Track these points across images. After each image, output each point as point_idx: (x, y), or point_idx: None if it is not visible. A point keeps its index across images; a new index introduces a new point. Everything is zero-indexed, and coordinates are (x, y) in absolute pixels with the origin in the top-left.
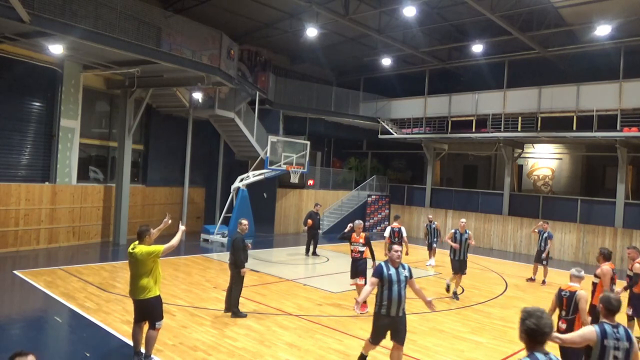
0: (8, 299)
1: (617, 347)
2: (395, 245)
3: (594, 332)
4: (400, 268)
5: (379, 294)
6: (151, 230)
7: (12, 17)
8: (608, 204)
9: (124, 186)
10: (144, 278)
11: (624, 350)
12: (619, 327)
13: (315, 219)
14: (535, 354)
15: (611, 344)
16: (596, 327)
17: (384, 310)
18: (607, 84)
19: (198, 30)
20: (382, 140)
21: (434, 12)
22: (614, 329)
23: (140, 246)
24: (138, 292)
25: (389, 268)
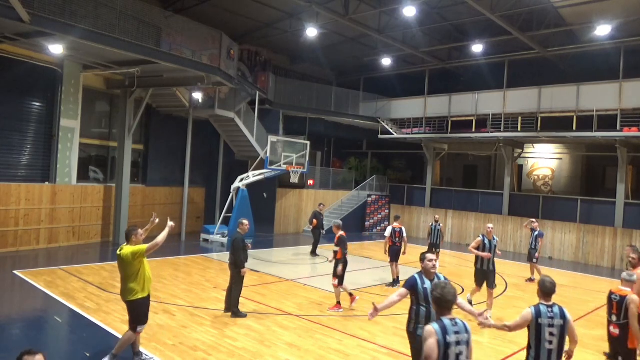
0: (8, 299)
1: (551, 324)
2: (429, 254)
3: (530, 312)
4: (436, 280)
5: (413, 310)
6: (138, 231)
7: (12, 17)
8: (608, 204)
9: (124, 186)
10: (130, 280)
11: (559, 326)
12: (553, 306)
13: (319, 219)
14: (442, 320)
15: (545, 322)
16: (532, 308)
17: (420, 330)
18: (607, 84)
19: (198, 30)
20: (382, 140)
21: (434, 12)
22: (548, 308)
23: (126, 247)
24: (126, 294)
25: (423, 281)
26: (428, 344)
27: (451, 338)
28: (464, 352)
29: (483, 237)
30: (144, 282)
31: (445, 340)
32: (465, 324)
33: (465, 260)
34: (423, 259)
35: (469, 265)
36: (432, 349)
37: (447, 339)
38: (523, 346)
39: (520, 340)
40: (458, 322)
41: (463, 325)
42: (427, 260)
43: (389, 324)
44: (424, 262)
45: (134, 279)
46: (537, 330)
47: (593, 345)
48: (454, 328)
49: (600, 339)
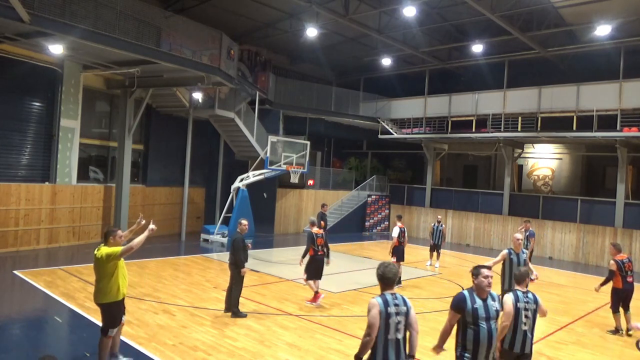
0: (8, 299)
1: (527, 308)
2: (484, 269)
3: (510, 298)
4: (489, 299)
5: (460, 333)
6: (117, 232)
7: (12, 17)
8: (608, 204)
9: (124, 186)
10: (103, 282)
11: (532, 310)
12: (528, 293)
13: (325, 220)
14: (384, 294)
15: (522, 306)
16: (511, 294)
17: (468, 355)
18: (607, 84)
19: (198, 30)
20: (382, 140)
21: (434, 12)
22: (524, 294)
23: (103, 248)
24: (99, 296)
25: (474, 299)
26: (371, 314)
27: (391, 309)
28: (402, 321)
29: (510, 251)
30: (118, 285)
31: (386, 311)
32: (405, 298)
33: (465, 260)
34: (477, 274)
35: (469, 265)
36: (375, 317)
37: (387, 310)
38: None
39: None
40: (398, 296)
41: (402, 300)
42: (481, 277)
43: None
44: (477, 278)
45: (107, 281)
46: (516, 313)
47: (592, 346)
48: (395, 301)
49: (600, 339)
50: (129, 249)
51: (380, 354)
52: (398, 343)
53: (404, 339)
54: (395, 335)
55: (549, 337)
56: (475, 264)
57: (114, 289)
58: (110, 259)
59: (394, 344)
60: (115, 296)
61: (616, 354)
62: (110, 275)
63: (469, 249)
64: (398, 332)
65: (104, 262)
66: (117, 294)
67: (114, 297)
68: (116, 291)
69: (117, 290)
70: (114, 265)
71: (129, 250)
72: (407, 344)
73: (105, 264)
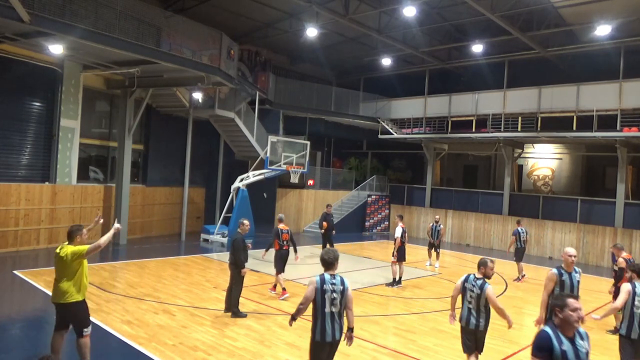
0: (8, 299)
1: (472, 290)
2: (572, 300)
3: (461, 280)
4: (577, 338)
5: None
6: (83, 231)
7: (12, 17)
8: (608, 204)
9: (124, 186)
10: (65, 281)
11: (477, 293)
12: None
13: (329, 221)
14: (324, 274)
15: (469, 287)
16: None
17: None
18: (607, 84)
19: (198, 30)
20: (382, 140)
21: (434, 12)
22: (475, 278)
23: (67, 246)
24: (59, 296)
25: (560, 340)
26: (308, 289)
27: (327, 287)
28: (337, 297)
29: (559, 270)
30: (80, 285)
31: (322, 288)
32: (344, 280)
33: (464, 260)
34: (562, 306)
35: (468, 265)
36: (311, 292)
37: (323, 287)
38: (523, 346)
39: (521, 340)
40: (337, 277)
41: (340, 280)
42: (569, 310)
43: (389, 323)
44: (563, 312)
45: (69, 279)
46: (463, 291)
47: (592, 346)
48: (332, 281)
49: (600, 339)
50: (97, 247)
51: (320, 323)
52: (333, 315)
53: (339, 312)
54: (331, 308)
55: None
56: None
57: (76, 288)
58: (75, 257)
59: (329, 315)
60: (78, 296)
61: (616, 354)
62: (73, 274)
63: (469, 249)
64: (334, 306)
65: (69, 261)
66: (80, 293)
67: (80, 295)
68: (77, 291)
69: (79, 289)
70: (78, 264)
71: (97, 248)
72: None
73: (70, 262)
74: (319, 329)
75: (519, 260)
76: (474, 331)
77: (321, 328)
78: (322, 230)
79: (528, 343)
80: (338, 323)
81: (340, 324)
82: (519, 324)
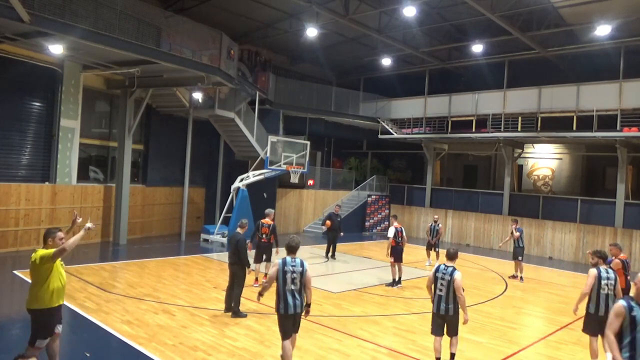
0: (8, 299)
1: (443, 278)
2: None
3: (433, 271)
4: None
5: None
6: (57, 234)
7: (12, 17)
8: (608, 204)
9: (124, 186)
10: (37, 286)
11: (447, 281)
12: (449, 267)
13: (334, 220)
14: (285, 258)
15: (440, 275)
16: (435, 266)
17: None
18: (607, 84)
19: (198, 30)
20: (382, 140)
21: (434, 12)
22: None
23: (39, 250)
24: (29, 301)
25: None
26: (272, 270)
27: (288, 268)
28: (297, 277)
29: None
30: (52, 291)
31: (283, 269)
32: (304, 262)
33: (464, 260)
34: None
35: (468, 265)
36: (274, 272)
37: (285, 268)
38: (523, 346)
39: (521, 340)
40: (297, 260)
41: (300, 263)
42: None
43: (389, 324)
44: None
45: (40, 286)
46: (435, 281)
47: None
48: (292, 263)
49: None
50: (62, 250)
51: (282, 298)
52: (293, 292)
53: (299, 290)
54: (291, 286)
55: (549, 337)
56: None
57: (46, 295)
58: (43, 261)
59: (290, 292)
60: (47, 303)
61: None
62: (43, 280)
63: (469, 249)
64: (294, 284)
65: (37, 266)
66: (50, 301)
67: (46, 303)
68: (49, 298)
69: (50, 296)
70: (48, 269)
71: (62, 252)
72: None
73: (39, 267)
74: (282, 304)
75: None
76: (444, 316)
77: (284, 303)
78: (325, 228)
79: (528, 343)
80: (298, 299)
81: (300, 300)
82: (518, 324)
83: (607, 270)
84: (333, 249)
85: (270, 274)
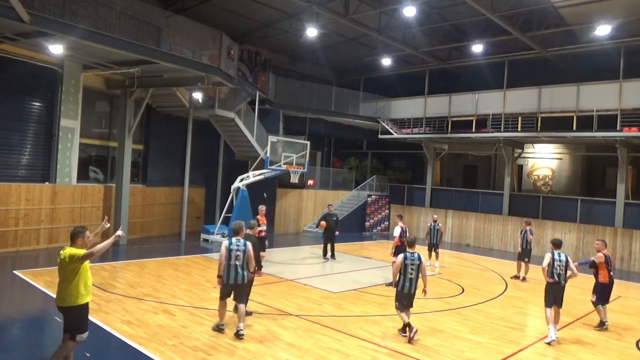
0: (8, 299)
1: (412, 264)
2: None
3: (401, 257)
4: None
5: None
6: (86, 233)
7: (12, 17)
8: (608, 204)
9: (124, 186)
10: (66, 283)
11: (416, 265)
12: (414, 253)
13: (329, 220)
14: (231, 238)
15: (409, 262)
16: (402, 254)
17: None
18: (607, 84)
19: (198, 30)
20: (382, 140)
21: (434, 12)
22: (411, 254)
23: (67, 248)
24: (60, 299)
25: None
26: (221, 249)
27: (233, 247)
28: (240, 255)
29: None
30: (82, 289)
31: (229, 247)
32: (246, 243)
33: (465, 260)
34: None
35: (468, 265)
36: (223, 251)
37: (230, 247)
38: (523, 346)
39: (521, 340)
40: (241, 241)
41: (243, 242)
42: None
43: (389, 324)
44: None
45: (68, 284)
46: (404, 267)
47: (592, 346)
48: (237, 243)
49: (600, 339)
50: (90, 254)
51: (227, 271)
52: (237, 266)
53: (242, 265)
54: (235, 262)
55: None
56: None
57: (77, 292)
58: (72, 260)
59: (234, 267)
60: (79, 300)
61: (616, 354)
62: (71, 278)
63: (469, 249)
64: (237, 260)
65: (66, 264)
66: (83, 298)
67: (78, 300)
68: (80, 295)
69: (81, 293)
70: (75, 268)
71: (90, 255)
72: None
73: (67, 265)
74: (226, 275)
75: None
76: (408, 294)
77: (227, 274)
78: (320, 229)
79: (528, 343)
80: (240, 273)
81: (243, 273)
82: (518, 324)
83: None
84: (332, 249)
85: (222, 252)
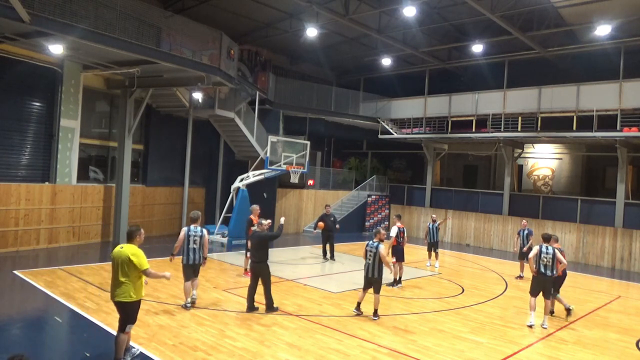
0: (8, 299)
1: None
2: None
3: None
4: None
5: None
6: (142, 230)
7: (12, 17)
8: (608, 204)
9: (124, 186)
10: (131, 281)
11: (373, 252)
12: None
13: (326, 221)
14: (189, 226)
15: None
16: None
17: None
18: (607, 84)
19: (198, 30)
20: (382, 140)
21: (434, 12)
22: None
23: (129, 247)
24: (120, 295)
25: None
26: (180, 235)
27: (191, 233)
28: (197, 240)
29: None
30: (141, 287)
31: (188, 233)
32: (202, 229)
33: (465, 260)
34: None
35: (468, 265)
36: (182, 235)
37: (189, 233)
38: (523, 346)
39: (521, 340)
40: (198, 228)
41: (200, 229)
42: None
43: (389, 323)
44: None
45: (135, 281)
46: (365, 253)
47: (592, 346)
48: (194, 230)
49: (600, 339)
50: (149, 273)
51: (185, 254)
52: (195, 250)
53: (198, 248)
54: (193, 245)
55: (549, 337)
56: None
57: (138, 289)
58: (136, 266)
59: (192, 250)
60: (139, 295)
61: (616, 354)
62: (137, 277)
63: (469, 249)
64: (195, 244)
65: (133, 265)
66: (141, 294)
67: (138, 296)
68: (140, 291)
69: (140, 290)
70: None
71: (148, 274)
72: None
73: (134, 265)
74: (185, 257)
75: None
76: (371, 279)
77: (186, 256)
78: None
79: (528, 343)
80: (197, 254)
81: (199, 255)
82: (518, 324)
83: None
84: (332, 251)
85: (180, 237)
